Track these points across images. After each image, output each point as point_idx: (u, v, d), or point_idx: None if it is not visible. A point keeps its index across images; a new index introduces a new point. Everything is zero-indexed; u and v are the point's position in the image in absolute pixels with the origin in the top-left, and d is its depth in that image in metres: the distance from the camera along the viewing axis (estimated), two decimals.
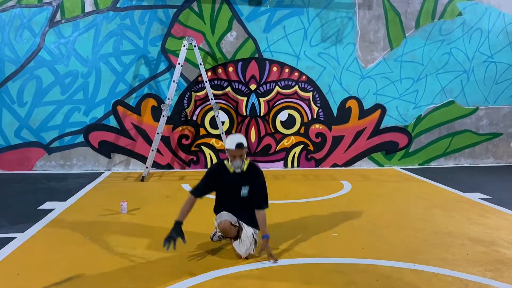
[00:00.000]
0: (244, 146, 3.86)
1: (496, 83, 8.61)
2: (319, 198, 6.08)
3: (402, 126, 8.45)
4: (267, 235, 3.87)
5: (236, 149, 3.82)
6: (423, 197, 6.19)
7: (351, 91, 8.21)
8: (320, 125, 8.22)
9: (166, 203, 5.80)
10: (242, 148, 3.84)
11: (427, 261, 3.89)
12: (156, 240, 4.33)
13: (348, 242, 4.37)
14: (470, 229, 4.79)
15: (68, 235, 4.50)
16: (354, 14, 8.05)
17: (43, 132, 7.64)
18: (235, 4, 7.75)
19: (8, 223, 4.85)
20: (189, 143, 7.99)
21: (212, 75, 7.85)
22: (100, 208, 5.45)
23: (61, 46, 7.48)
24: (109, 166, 7.87)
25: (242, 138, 3.92)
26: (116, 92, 7.70)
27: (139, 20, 7.59)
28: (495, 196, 6.23)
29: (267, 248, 3.84)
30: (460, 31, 8.34)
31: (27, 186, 6.66)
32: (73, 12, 7.45)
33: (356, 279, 3.53)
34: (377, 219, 5.12)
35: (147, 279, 3.49)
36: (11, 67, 7.41)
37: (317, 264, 3.83)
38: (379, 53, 8.20)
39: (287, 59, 7.98)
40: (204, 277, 3.53)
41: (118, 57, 7.61)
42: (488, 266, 3.81)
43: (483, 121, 8.69)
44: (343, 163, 8.38)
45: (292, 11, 7.88)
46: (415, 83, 8.35)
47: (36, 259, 3.88)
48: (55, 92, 7.56)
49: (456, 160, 8.75)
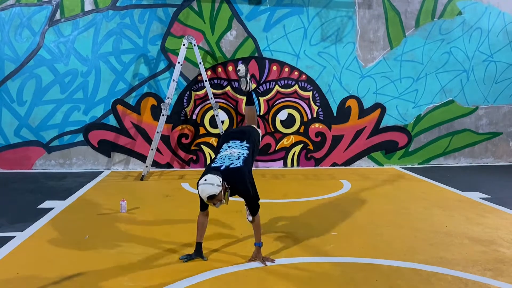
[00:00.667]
0: (219, 194, 3.49)
1: (496, 82, 8.61)
2: (318, 197, 6.08)
3: (401, 126, 8.45)
4: (259, 244, 3.82)
5: (209, 200, 3.54)
6: (423, 196, 6.19)
7: (350, 90, 8.21)
8: (319, 124, 8.22)
9: (165, 202, 5.80)
10: (215, 198, 3.51)
11: (426, 261, 3.89)
12: (155, 239, 4.34)
13: (347, 241, 4.37)
14: (469, 228, 4.79)
15: (67, 234, 4.50)
16: (354, 13, 8.04)
17: (43, 131, 7.63)
18: (235, 3, 7.74)
19: (8, 222, 4.85)
20: (188, 142, 7.99)
21: (211, 74, 7.85)
22: (99, 207, 5.45)
23: (61, 45, 7.48)
24: (109, 165, 7.87)
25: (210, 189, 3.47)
26: (115, 91, 7.69)
27: (139, 19, 7.59)
28: (495, 195, 6.23)
29: (258, 257, 3.80)
30: (460, 31, 8.34)
31: (26, 185, 6.65)
32: (73, 11, 7.44)
33: (355, 278, 3.53)
34: (376, 218, 5.13)
35: (146, 279, 3.49)
36: (11, 66, 7.40)
37: (317, 263, 3.83)
38: (379, 52, 8.19)
39: (287, 58, 7.98)
40: (202, 276, 3.53)
41: (118, 56, 7.61)
42: (487, 265, 3.82)
43: (483, 120, 8.69)
44: (343, 162, 8.38)
45: (291, 10, 7.88)
46: (414, 82, 8.35)
47: (35, 258, 3.88)
48: (55, 91, 7.55)
49: (456, 159, 8.76)
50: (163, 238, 4.38)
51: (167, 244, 4.22)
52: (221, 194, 3.52)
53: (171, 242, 4.25)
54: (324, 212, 5.34)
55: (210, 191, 3.48)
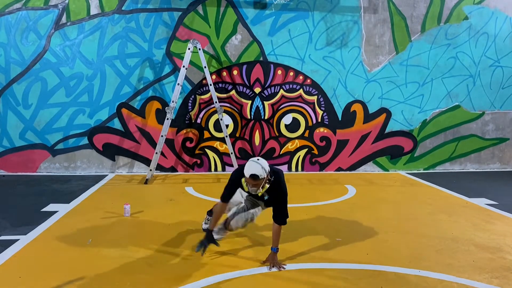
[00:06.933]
0: (261, 178, 3.56)
1: (503, 87, 8.55)
2: (323, 202, 6.04)
3: (407, 131, 8.40)
4: (276, 249, 3.83)
5: (250, 178, 3.58)
6: (428, 202, 6.14)
7: (356, 95, 8.18)
8: (324, 129, 8.19)
9: (169, 206, 5.78)
10: (256, 180, 3.57)
11: (432, 267, 3.84)
12: (159, 243, 4.31)
13: (352, 247, 4.33)
14: (475, 235, 4.73)
15: (71, 237, 4.48)
16: (359, 18, 8.02)
17: (48, 134, 7.65)
18: (240, 8, 7.75)
19: (11, 225, 4.85)
20: (193, 146, 7.98)
21: (216, 78, 7.84)
22: (103, 210, 5.44)
23: (67, 48, 7.50)
24: (113, 169, 7.87)
25: (258, 170, 3.54)
26: (120, 94, 7.71)
27: (144, 23, 7.60)
28: (502, 201, 6.17)
29: (273, 261, 3.80)
30: (466, 35, 8.29)
31: (30, 188, 6.66)
32: (79, 15, 7.48)
33: (360, 284, 3.49)
34: (381, 224, 5.08)
35: (149, 284, 3.47)
36: (17, 69, 7.43)
37: (321, 269, 3.79)
38: (384, 57, 8.16)
39: (292, 62, 7.96)
40: (206, 281, 3.50)
41: (123, 59, 7.63)
42: (494, 273, 3.76)
43: (489, 126, 8.62)
44: (348, 167, 8.33)
45: (297, 15, 7.87)
46: (420, 87, 8.31)
47: (38, 262, 3.87)
48: (60, 94, 7.58)
49: (462, 165, 8.69)
50: (167, 242, 4.35)
51: (171, 248, 4.19)
52: (262, 180, 3.59)
53: (175, 247, 4.23)
54: (328, 217, 5.30)
55: (257, 171, 3.54)
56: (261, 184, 3.62)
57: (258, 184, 3.60)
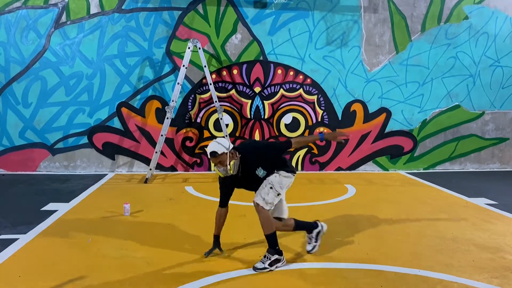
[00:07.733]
0: (220, 153, 3.56)
1: (503, 87, 8.55)
2: (323, 202, 6.03)
3: (407, 130, 8.40)
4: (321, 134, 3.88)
5: (211, 157, 3.61)
6: (428, 201, 6.14)
7: (356, 95, 8.18)
8: (324, 129, 8.18)
9: (169, 206, 5.78)
10: (216, 156, 3.57)
11: (432, 267, 3.84)
12: (158, 243, 4.31)
13: (352, 246, 4.33)
14: (476, 234, 4.73)
15: (70, 237, 4.48)
16: (359, 17, 8.02)
17: (47, 133, 7.65)
18: (240, 7, 7.74)
19: (11, 224, 4.84)
20: (193, 145, 7.97)
21: (216, 77, 7.84)
22: (103, 210, 5.44)
23: (66, 47, 7.50)
24: (113, 168, 7.86)
25: (214, 146, 3.58)
26: (120, 93, 7.70)
27: (144, 22, 7.60)
28: (501, 201, 6.17)
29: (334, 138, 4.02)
30: (467, 35, 8.29)
31: (30, 187, 6.66)
32: (79, 14, 7.47)
33: (359, 284, 3.49)
34: (381, 223, 5.08)
35: (149, 283, 3.46)
36: (16, 68, 7.42)
37: (320, 269, 3.79)
38: (384, 56, 8.16)
39: (292, 62, 7.96)
40: (205, 281, 3.49)
41: (123, 58, 7.62)
42: (494, 273, 3.76)
43: (489, 125, 8.62)
44: (348, 167, 8.33)
45: (297, 14, 7.86)
46: (420, 87, 8.31)
47: (38, 261, 3.86)
48: (60, 94, 7.57)
49: (462, 164, 8.69)
50: (166, 241, 4.35)
51: (170, 247, 4.19)
52: (224, 156, 3.58)
53: (174, 246, 4.22)
54: (328, 217, 5.29)
55: (214, 147, 3.59)
56: (225, 161, 3.58)
57: (221, 161, 3.58)
